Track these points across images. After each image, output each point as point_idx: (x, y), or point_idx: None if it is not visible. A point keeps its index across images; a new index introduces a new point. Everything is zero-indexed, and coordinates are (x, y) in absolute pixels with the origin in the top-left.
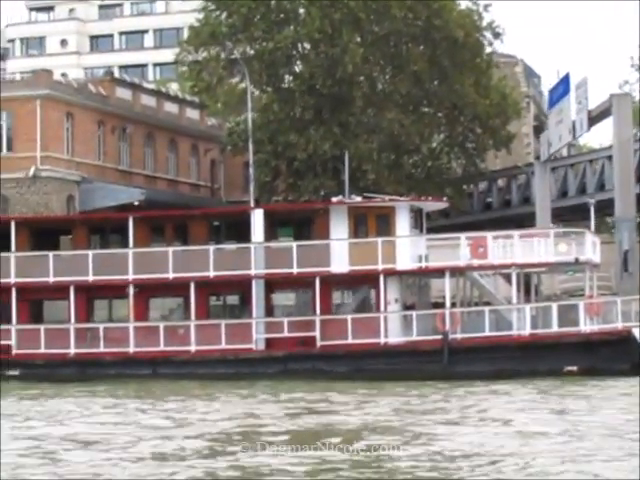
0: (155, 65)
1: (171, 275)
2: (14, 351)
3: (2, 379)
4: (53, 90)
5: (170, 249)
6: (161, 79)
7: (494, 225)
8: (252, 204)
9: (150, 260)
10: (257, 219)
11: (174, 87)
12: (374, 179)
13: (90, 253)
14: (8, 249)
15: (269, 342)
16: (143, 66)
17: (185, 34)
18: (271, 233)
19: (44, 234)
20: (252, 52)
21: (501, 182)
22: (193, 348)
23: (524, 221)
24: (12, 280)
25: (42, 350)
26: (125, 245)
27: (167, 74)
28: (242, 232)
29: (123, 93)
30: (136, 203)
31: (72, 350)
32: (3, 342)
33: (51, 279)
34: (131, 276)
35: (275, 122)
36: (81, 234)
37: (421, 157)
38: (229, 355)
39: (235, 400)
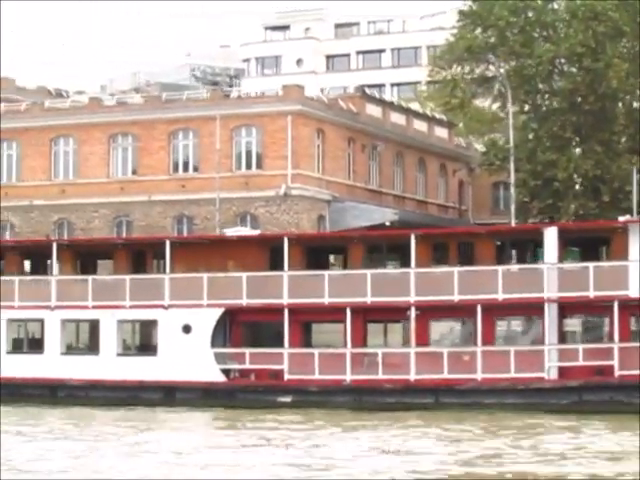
0: (393, 85)
1: (456, 297)
2: (286, 376)
3: (273, 406)
4: (304, 106)
5: (455, 269)
6: (400, 99)
7: None
8: (513, 224)
9: (432, 281)
10: (550, 238)
11: (413, 107)
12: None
13: (368, 273)
14: (281, 267)
15: (562, 371)
16: (380, 86)
17: (423, 53)
18: (560, 253)
19: (317, 252)
20: (507, 68)
21: None
22: (479, 376)
23: None
24: (285, 301)
25: (316, 376)
26: (404, 265)
27: (405, 94)
28: (529, 251)
29: (373, 110)
30: (387, 224)
31: (348, 377)
32: (275, 367)
33: (326, 300)
34: (413, 298)
35: (534, 140)
36: (356, 253)
37: None
38: (519, 384)
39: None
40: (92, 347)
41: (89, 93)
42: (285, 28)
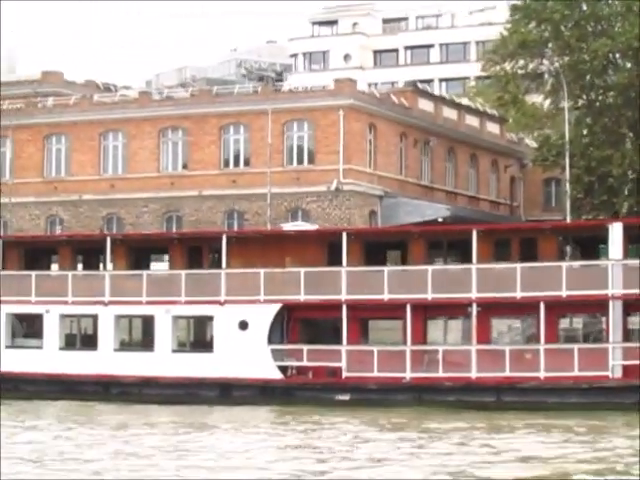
0: (441, 80)
1: (518, 294)
2: (344, 374)
3: (331, 404)
4: (356, 100)
5: (517, 265)
6: (448, 95)
7: None
8: (568, 221)
9: (494, 277)
10: (615, 233)
11: (463, 103)
12: None
13: (429, 269)
14: (339, 263)
15: (626, 369)
16: (429, 81)
17: (472, 49)
18: (625, 249)
19: (375, 247)
20: (561, 62)
21: None
22: (542, 374)
23: None
24: (343, 297)
25: (375, 374)
26: (465, 261)
27: (453, 89)
28: (594, 248)
29: (425, 105)
30: (440, 220)
31: (408, 374)
32: (333, 364)
33: (386, 296)
34: (474, 294)
35: (588, 136)
36: (417, 248)
37: None
38: (582, 383)
39: None
40: (146, 343)
41: (135, 89)
42: (333, 23)
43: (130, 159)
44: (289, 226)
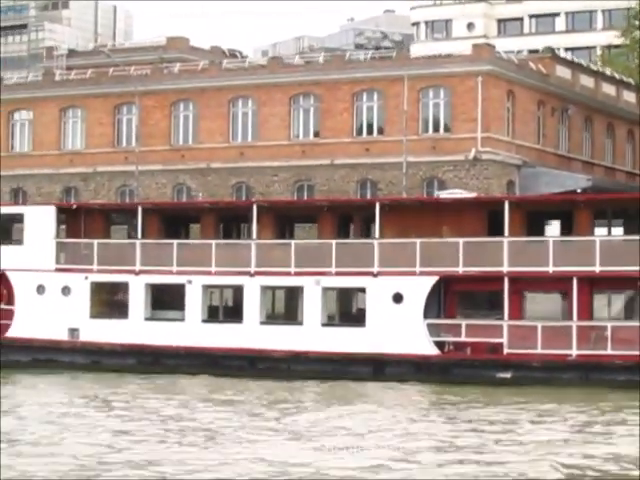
0: (566, 50)
1: None
2: (506, 350)
3: (491, 382)
4: (495, 66)
5: None
6: None
7: None
8: None
9: None
10: None
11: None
12: None
13: (597, 239)
14: (500, 233)
15: None
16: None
17: (599, 17)
18: None
19: (537, 217)
20: None
21: None
22: None
23: None
24: (505, 269)
25: (538, 350)
26: (630, 231)
27: (578, 59)
28: None
29: (562, 72)
30: (579, 190)
31: (574, 351)
32: (493, 340)
33: (550, 269)
34: None
35: None
36: (582, 218)
37: None
38: None
39: None
40: (294, 316)
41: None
42: None
43: (260, 126)
44: (445, 194)
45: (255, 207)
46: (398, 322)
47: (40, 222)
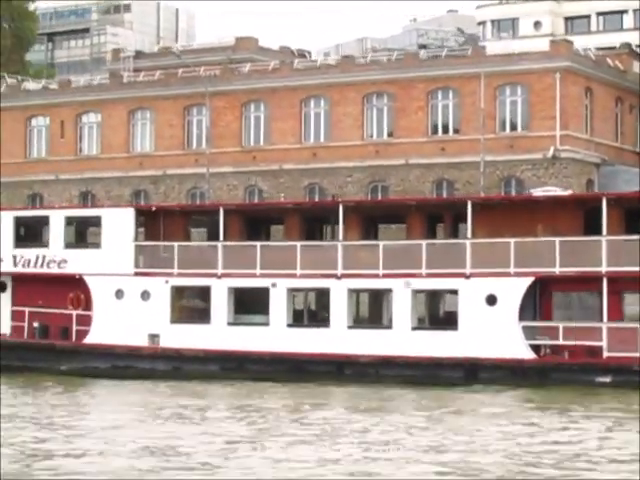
0: (637, 46)
1: None
2: (605, 354)
3: (590, 387)
4: (573, 62)
5: None
6: None
7: None
8: None
9: None
10: None
11: None
12: None
13: None
14: (598, 231)
15: None
16: None
17: None
18: None
19: (634, 215)
20: None
21: None
22: None
23: None
24: (603, 269)
25: (638, 353)
26: None
27: None
28: None
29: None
30: None
31: None
32: (592, 343)
33: None
34: None
35: None
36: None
37: None
38: None
39: None
40: (383, 320)
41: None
42: None
43: (333, 126)
44: (538, 192)
45: (341, 207)
46: (492, 325)
47: (118, 225)
